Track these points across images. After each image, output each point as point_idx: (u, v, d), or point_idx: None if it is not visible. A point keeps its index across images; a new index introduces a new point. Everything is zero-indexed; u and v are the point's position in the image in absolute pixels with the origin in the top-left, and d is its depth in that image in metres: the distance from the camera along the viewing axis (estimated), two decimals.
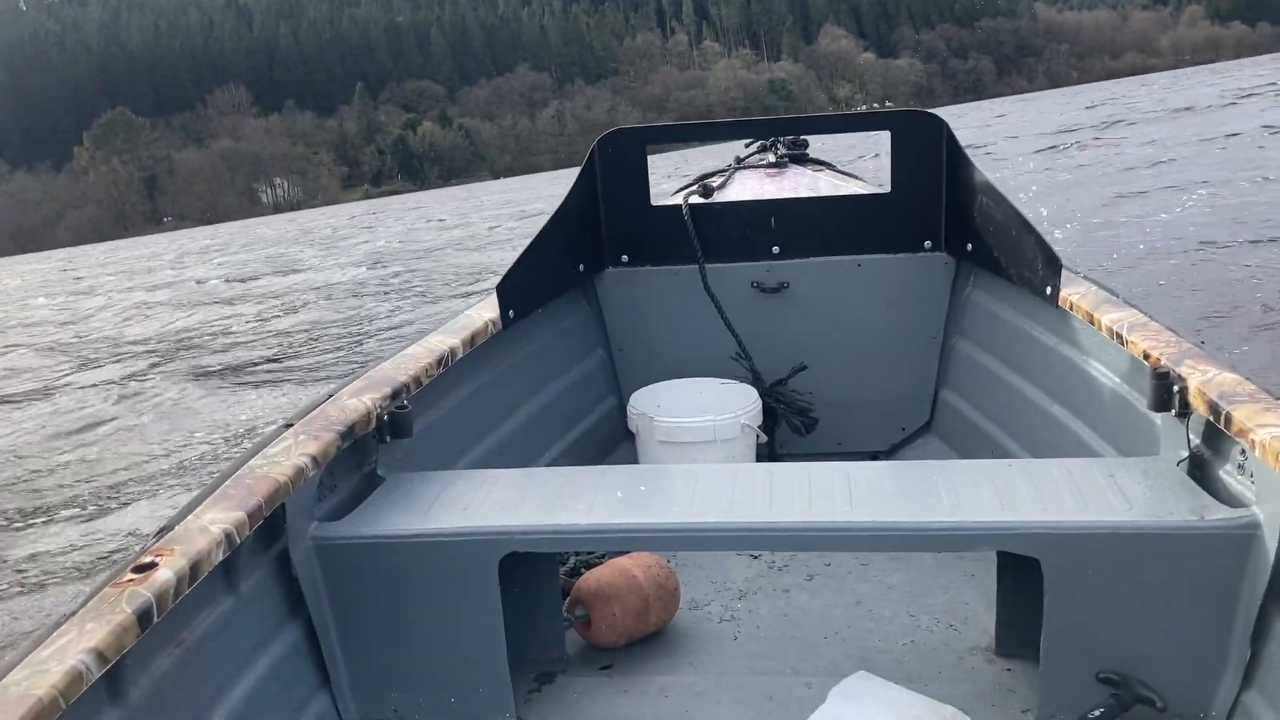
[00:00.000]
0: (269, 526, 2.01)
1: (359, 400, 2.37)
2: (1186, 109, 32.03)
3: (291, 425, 2.25)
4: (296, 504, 2.09)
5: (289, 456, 2.09)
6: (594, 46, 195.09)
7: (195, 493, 2.01)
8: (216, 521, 1.84)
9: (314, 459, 2.12)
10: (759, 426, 3.29)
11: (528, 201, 40.65)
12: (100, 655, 1.49)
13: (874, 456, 3.70)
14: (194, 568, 1.73)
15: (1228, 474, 2.04)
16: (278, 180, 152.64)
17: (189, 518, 1.86)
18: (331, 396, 2.41)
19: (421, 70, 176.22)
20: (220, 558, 1.81)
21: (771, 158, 4.39)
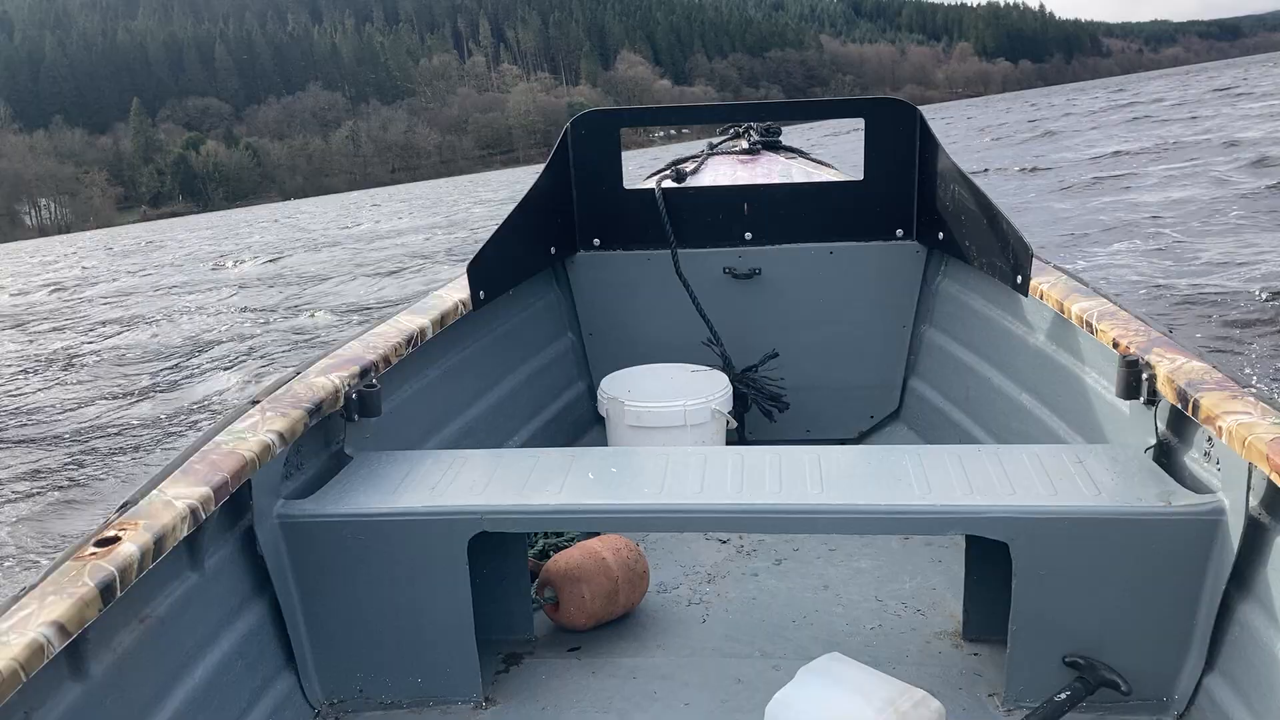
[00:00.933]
0: (234, 503, 1.98)
1: (327, 378, 2.33)
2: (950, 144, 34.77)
3: (258, 402, 2.21)
4: (263, 481, 2.06)
5: (256, 433, 2.06)
6: (389, 66, 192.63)
7: (160, 468, 1.97)
8: (181, 496, 1.81)
9: (281, 436, 2.08)
10: (729, 412, 3.28)
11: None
12: (61, 628, 1.46)
13: (843, 443, 3.71)
14: (158, 542, 1.70)
15: (1194, 461, 2.06)
16: (44, 201, 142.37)
17: (153, 492, 1.83)
18: (299, 374, 2.37)
19: (205, 87, 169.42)
20: (185, 533, 1.78)
21: (745, 144, 4.39)
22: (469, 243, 21.00)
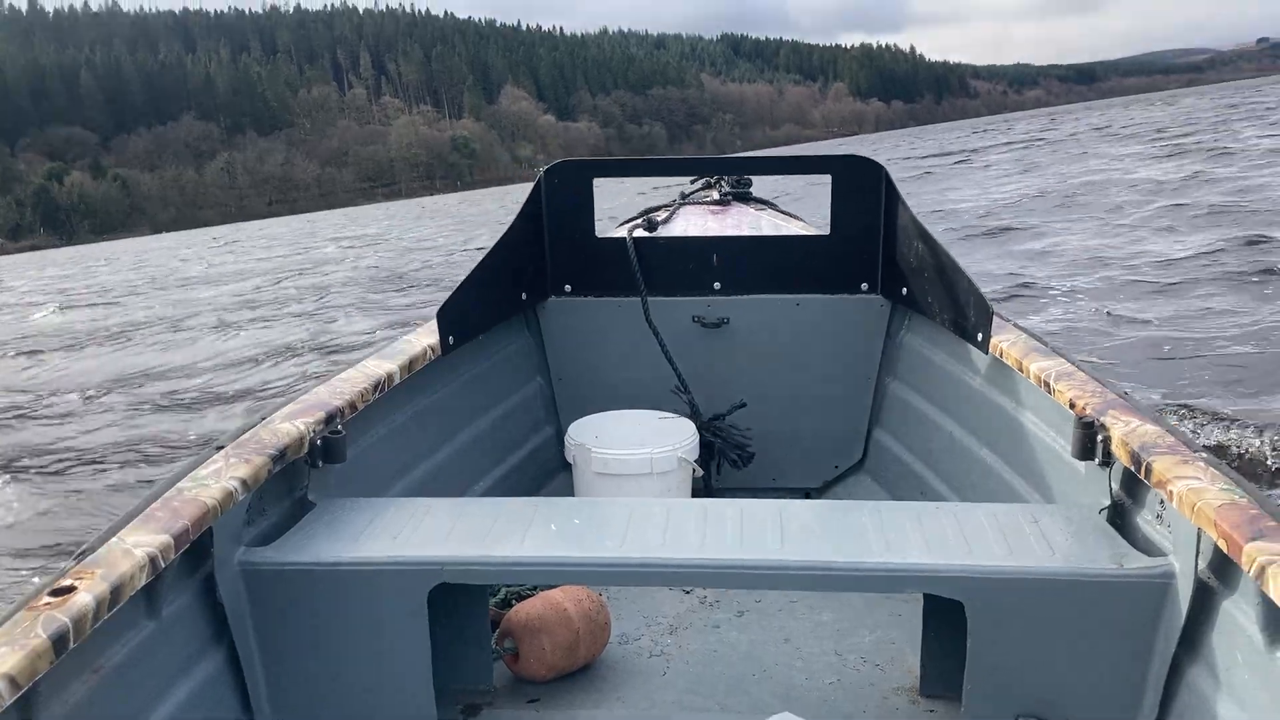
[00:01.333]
0: (195, 550, 1.97)
1: (292, 424, 2.33)
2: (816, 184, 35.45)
3: (222, 448, 2.21)
4: (224, 528, 2.05)
5: (218, 479, 2.05)
6: (266, 97, 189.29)
7: (120, 515, 1.95)
8: (141, 544, 1.80)
9: (244, 482, 2.07)
10: (696, 460, 3.30)
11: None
12: (12, 681, 1.44)
13: (806, 494, 3.76)
14: (115, 592, 1.68)
15: (1147, 523, 2.10)
16: None
17: (112, 540, 1.81)
18: (264, 419, 2.37)
19: (70, 116, 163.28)
20: (143, 582, 1.77)
21: (715, 195, 4.46)
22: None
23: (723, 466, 3.57)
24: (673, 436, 3.25)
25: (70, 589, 1.63)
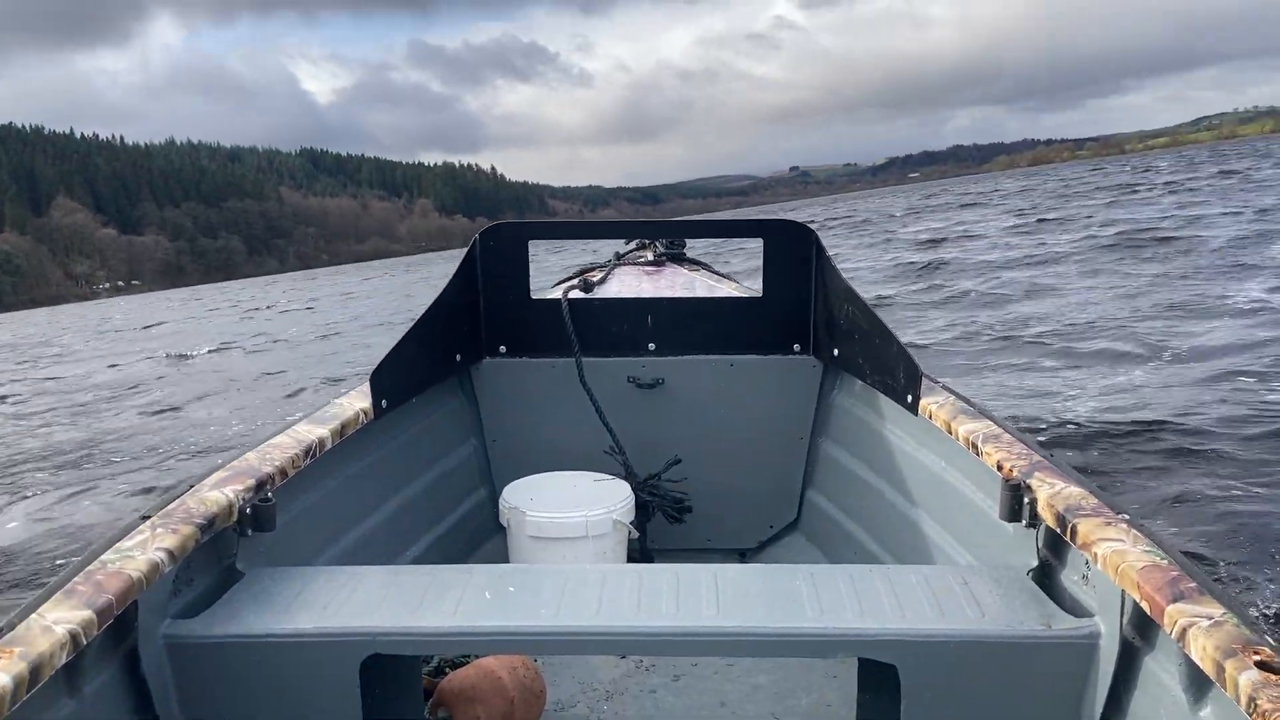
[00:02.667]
0: (119, 624, 1.90)
1: (220, 492, 2.28)
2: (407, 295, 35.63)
3: (148, 517, 2.15)
4: (149, 601, 1.99)
5: (144, 551, 1.99)
6: None
7: (41, 590, 1.88)
8: (62, 621, 1.74)
9: (170, 553, 2.02)
10: (631, 522, 3.29)
11: None
12: None
13: (742, 554, 3.77)
14: (34, 672, 1.62)
15: (1074, 584, 2.14)
16: None
17: (31, 616, 1.75)
18: (192, 487, 2.32)
19: None
20: (64, 660, 1.71)
21: (650, 255, 4.52)
22: None
23: (659, 525, 3.57)
24: (608, 498, 3.25)
25: None
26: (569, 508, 3.17)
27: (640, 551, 3.52)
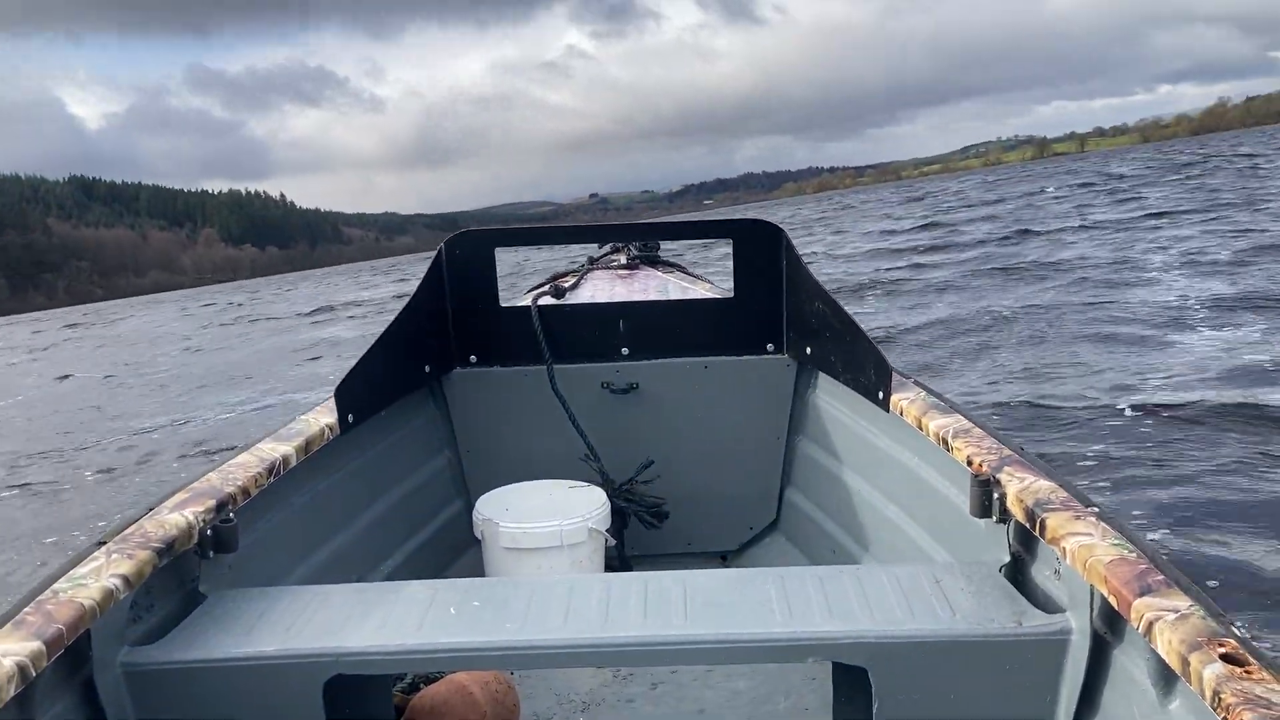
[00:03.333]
0: (72, 654, 1.86)
1: (180, 514, 2.24)
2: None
3: (104, 543, 2.10)
4: (104, 629, 1.94)
5: (98, 578, 1.95)
6: None
7: None
8: (10, 654, 1.69)
9: (126, 580, 1.98)
10: (608, 529, 3.26)
11: None
12: None
13: (723, 557, 3.74)
14: None
15: (1045, 579, 2.12)
16: None
17: None
18: (151, 511, 2.27)
19: None
20: (12, 693, 1.66)
21: (623, 259, 4.49)
22: None
23: (636, 530, 3.54)
24: (583, 506, 3.22)
25: None
26: (543, 517, 3.13)
27: (619, 559, 3.49)
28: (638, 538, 3.57)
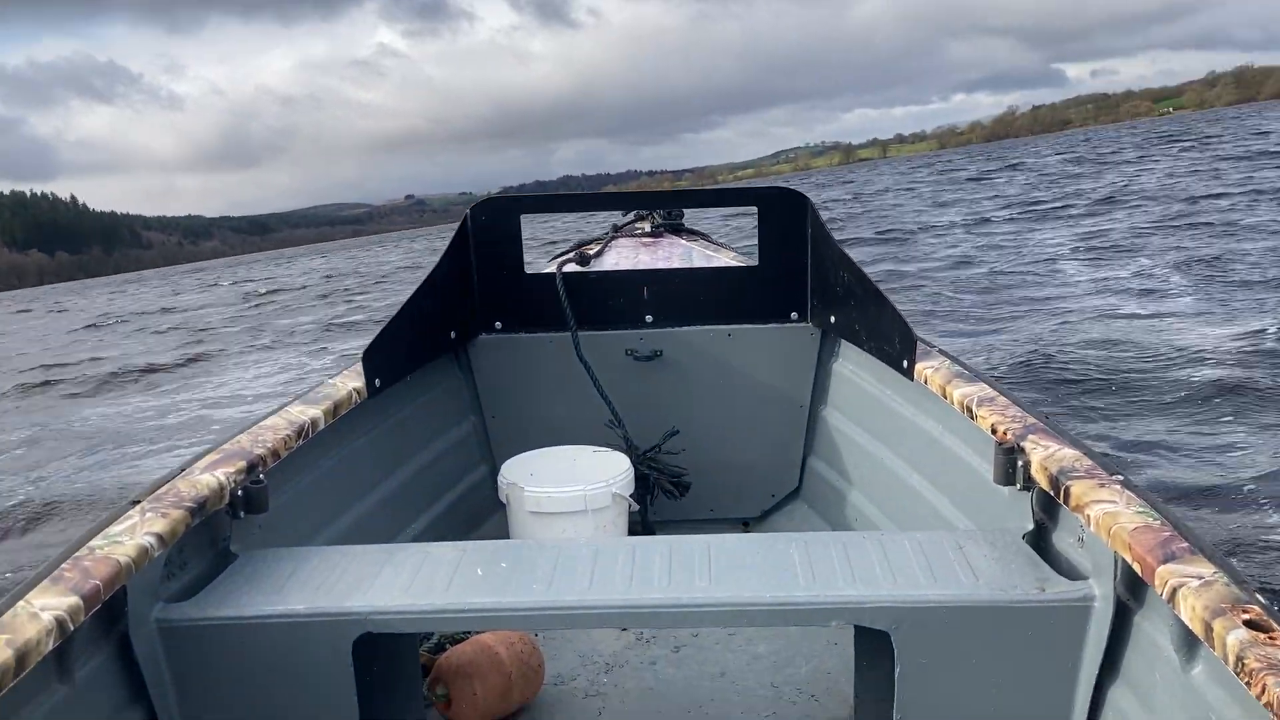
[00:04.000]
0: (109, 610, 1.91)
1: (211, 475, 2.28)
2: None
3: (138, 502, 2.15)
4: (139, 585, 2.00)
5: (133, 536, 1.99)
6: None
7: (27, 576, 1.88)
8: (48, 608, 1.74)
9: (160, 538, 2.02)
10: (631, 495, 3.28)
11: None
12: None
13: (745, 524, 3.77)
14: (20, 658, 1.62)
15: (1068, 547, 2.13)
16: None
17: (19, 604, 1.75)
18: (183, 471, 2.31)
19: None
20: (51, 646, 1.70)
21: (648, 227, 4.51)
22: None
23: (659, 499, 3.57)
24: (607, 471, 3.24)
25: None
26: (568, 481, 3.16)
27: (642, 524, 3.53)
28: (660, 504, 3.60)
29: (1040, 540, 2.22)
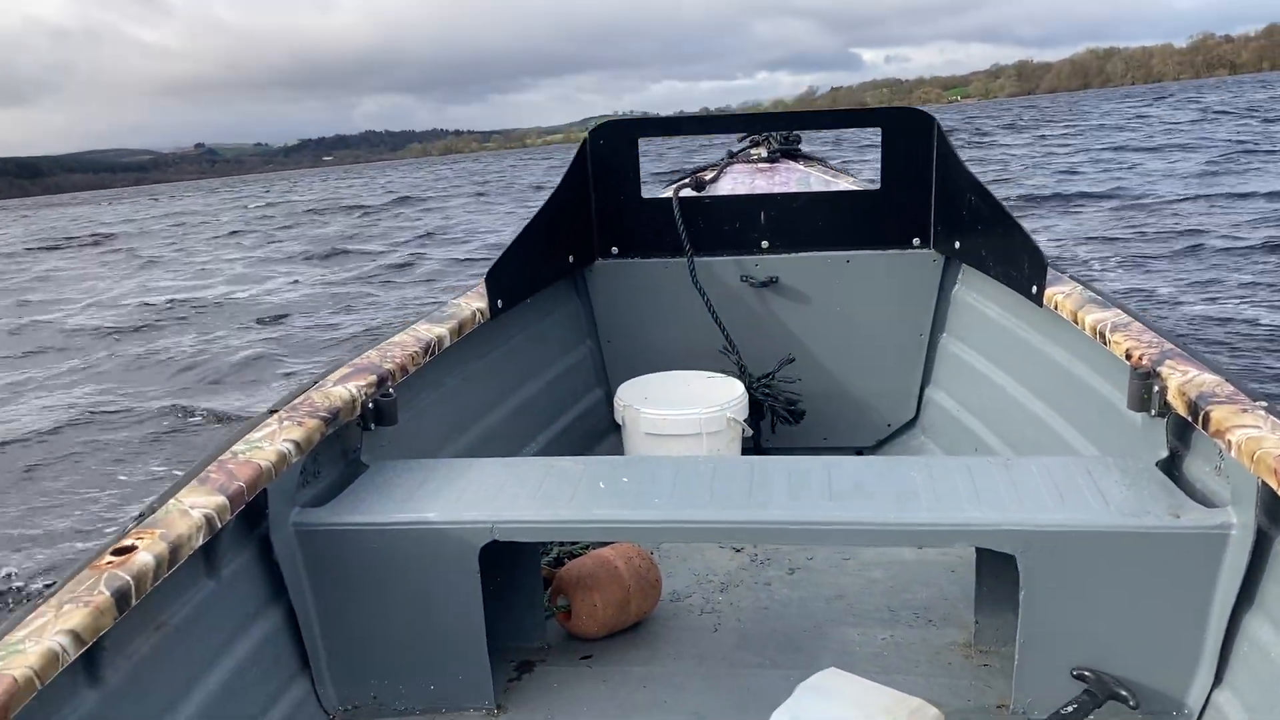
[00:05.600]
0: (250, 511, 2.00)
1: (344, 387, 2.35)
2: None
3: (276, 411, 2.24)
4: (279, 490, 2.08)
5: (272, 442, 2.08)
6: None
7: (177, 477, 1.98)
8: (197, 506, 1.83)
9: (297, 445, 2.11)
10: (745, 420, 3.29)
11: None
12: (77, 637, 1.48)
13: (859, 452, 3.74)
14: (173, 551, 1.72)
15: (1204, 474, 2.07)
16: None
17: (170, 502, 1.85)
18: (316, 383, 2.40)
19: None
20: (200, 542, 1.80)
21: (764, 153, 4.44)
22: None
23: (774, 425, 3.56)
24: (722, 396, 3.25)
25: (131, 548, 1.68)
26: (683, 405, 3.18)
27: (755, 450, 3.53)
28: (773, 430, 3.60)
29: (1173, 468, 2.15)
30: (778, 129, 4.47)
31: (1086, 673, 2.02)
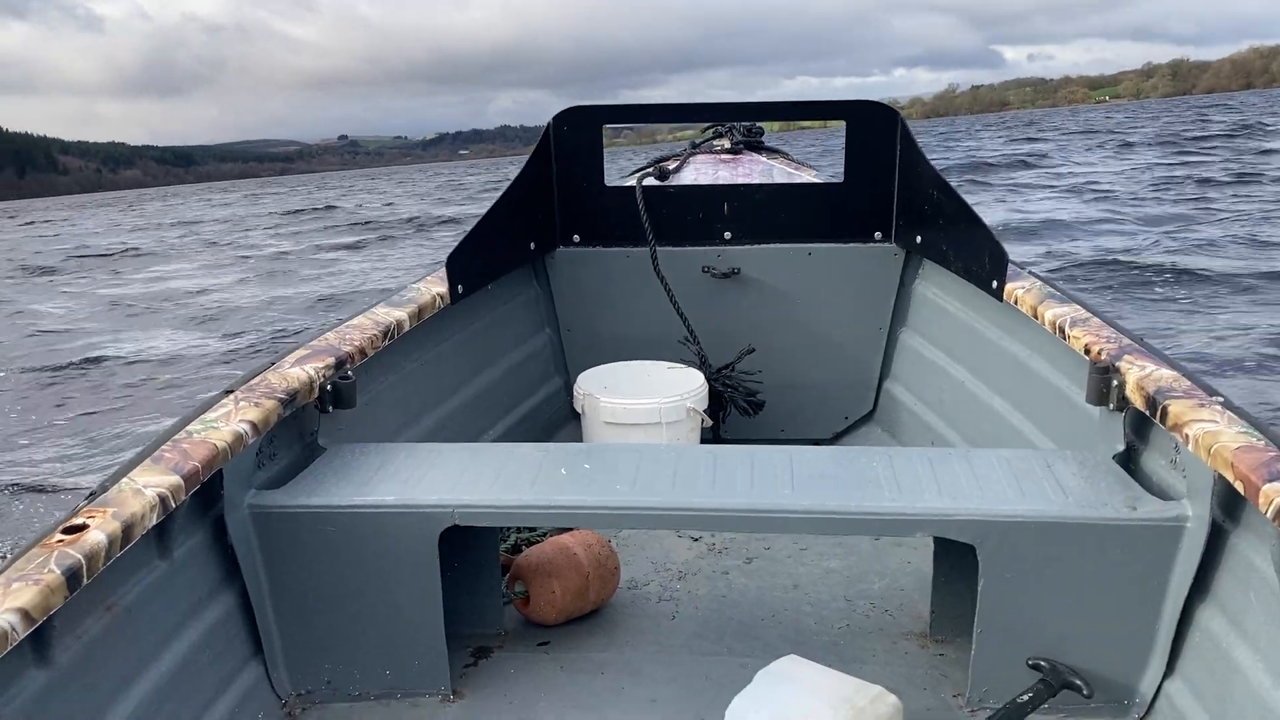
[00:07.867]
0: (205, 492, 1.97)
1: (302, 369, 2.32)
2: None
3: (232, 391, 2.20)
4: (234, 471, 2.05)
5: (228, 422, 2.05)
6: None
7: (130, 456, 1.95)
8: (151, 485, 1.80)
9: (254, 426, 2.07)
10: (705, 410, 3.29)
11: None
12: (26, 615, 1.45)
13: (816, 444, 3.75)
14: (126, 530, 1.69)
15: (1161, 467, 2.10)
16: None
17: (123, 480, 1.82)
18: (274, 364, 2.36)
19: None
20: (153, 521, 1.77)
21: (727, 144, 4.45)
22: None
23: (732, 416, 3.57)
24: (682, 386, 3.25)
25: (82, 527, 1.64)
26: (643, 394, 3.18)
27: (714, 440, 3.52)
28: (732, 421, 3.60)
29: (1131, 461, 2.18)
30: (743, 119, 4.46)
31: (1042, 662, 2.05)
